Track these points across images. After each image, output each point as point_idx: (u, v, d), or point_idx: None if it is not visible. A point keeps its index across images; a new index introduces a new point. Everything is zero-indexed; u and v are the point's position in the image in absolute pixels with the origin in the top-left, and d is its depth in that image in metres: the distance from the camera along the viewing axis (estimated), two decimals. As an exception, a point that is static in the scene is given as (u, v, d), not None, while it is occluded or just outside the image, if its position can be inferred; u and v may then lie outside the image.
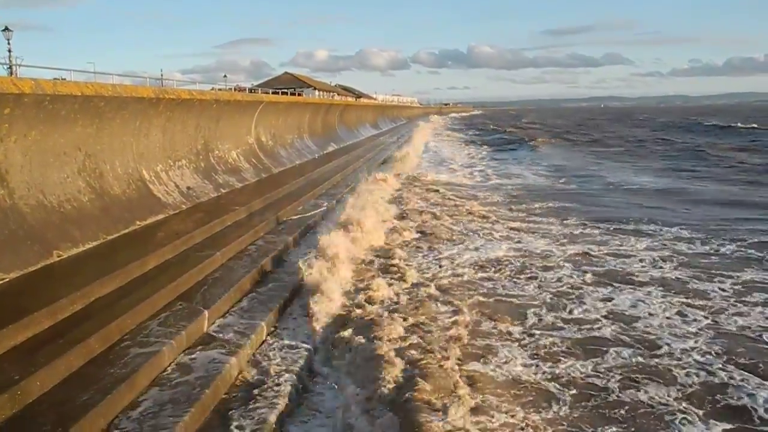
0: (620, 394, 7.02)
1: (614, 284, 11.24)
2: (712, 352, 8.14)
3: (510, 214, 18.69)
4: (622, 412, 6.61)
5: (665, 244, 14.25)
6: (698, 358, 7.98)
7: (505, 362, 7.88)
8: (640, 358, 7.99)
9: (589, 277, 11.70)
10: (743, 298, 10.37)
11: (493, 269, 12.39)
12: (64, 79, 15.27)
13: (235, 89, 35.01)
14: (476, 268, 12.48)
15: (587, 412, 6.62)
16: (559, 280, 11.61)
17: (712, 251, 13.62)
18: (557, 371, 7.61)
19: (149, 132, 14.35)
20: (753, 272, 11.84)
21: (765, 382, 7.26)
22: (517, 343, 8.54)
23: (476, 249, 14.04)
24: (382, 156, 37.52)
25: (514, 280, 11.66)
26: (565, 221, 17.26)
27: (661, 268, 12.32)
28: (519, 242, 14.73)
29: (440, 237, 15.21)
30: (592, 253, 13.54)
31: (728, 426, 6.37)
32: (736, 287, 10.95)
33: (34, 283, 8.48)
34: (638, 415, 6.52)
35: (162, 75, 35.12)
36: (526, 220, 17.68)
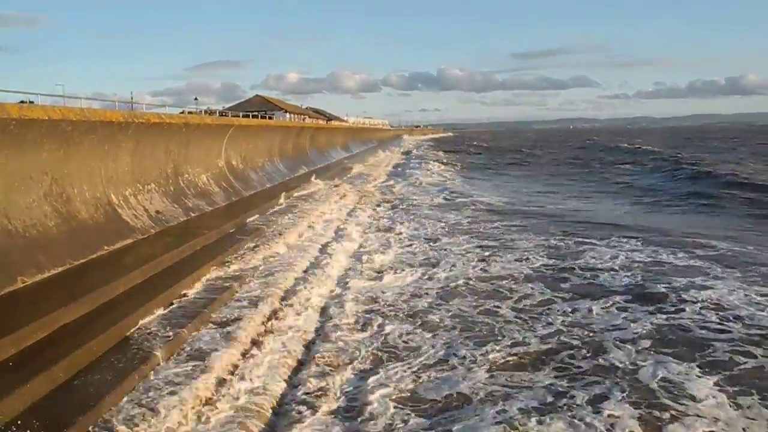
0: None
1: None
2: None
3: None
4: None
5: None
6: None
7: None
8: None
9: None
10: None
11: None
12: (32, 102, 15.12)
13: (205, 112, 34.92)
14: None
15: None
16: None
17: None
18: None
19: (118, 156, 14.26)
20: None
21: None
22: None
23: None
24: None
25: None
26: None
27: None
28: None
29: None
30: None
31: None
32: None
33: (-3, 310, 8.34)
34: None
35: (132, 98, 34.87)
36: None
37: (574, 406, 7.14)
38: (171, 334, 8.78)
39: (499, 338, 9.58)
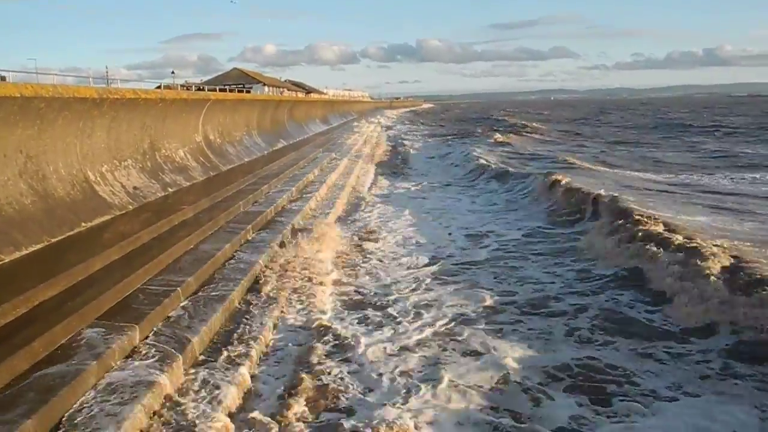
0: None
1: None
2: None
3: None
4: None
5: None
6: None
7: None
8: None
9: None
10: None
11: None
12: (4, 78, 14.96)
13: (184, 86, 34.53)
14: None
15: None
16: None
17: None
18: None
19: (93, 132, 14.22)
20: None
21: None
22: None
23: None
24: (325, 154, 37.65)
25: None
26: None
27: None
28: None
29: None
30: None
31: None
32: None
33: (-25, 288, 8.43)
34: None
35: (107, 72, 34.29)
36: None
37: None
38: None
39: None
